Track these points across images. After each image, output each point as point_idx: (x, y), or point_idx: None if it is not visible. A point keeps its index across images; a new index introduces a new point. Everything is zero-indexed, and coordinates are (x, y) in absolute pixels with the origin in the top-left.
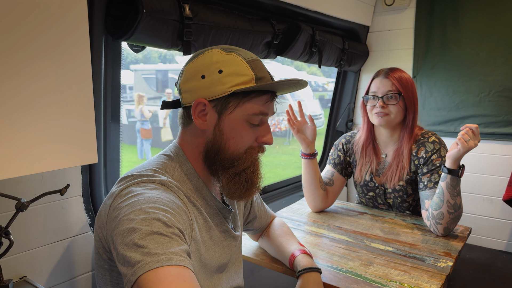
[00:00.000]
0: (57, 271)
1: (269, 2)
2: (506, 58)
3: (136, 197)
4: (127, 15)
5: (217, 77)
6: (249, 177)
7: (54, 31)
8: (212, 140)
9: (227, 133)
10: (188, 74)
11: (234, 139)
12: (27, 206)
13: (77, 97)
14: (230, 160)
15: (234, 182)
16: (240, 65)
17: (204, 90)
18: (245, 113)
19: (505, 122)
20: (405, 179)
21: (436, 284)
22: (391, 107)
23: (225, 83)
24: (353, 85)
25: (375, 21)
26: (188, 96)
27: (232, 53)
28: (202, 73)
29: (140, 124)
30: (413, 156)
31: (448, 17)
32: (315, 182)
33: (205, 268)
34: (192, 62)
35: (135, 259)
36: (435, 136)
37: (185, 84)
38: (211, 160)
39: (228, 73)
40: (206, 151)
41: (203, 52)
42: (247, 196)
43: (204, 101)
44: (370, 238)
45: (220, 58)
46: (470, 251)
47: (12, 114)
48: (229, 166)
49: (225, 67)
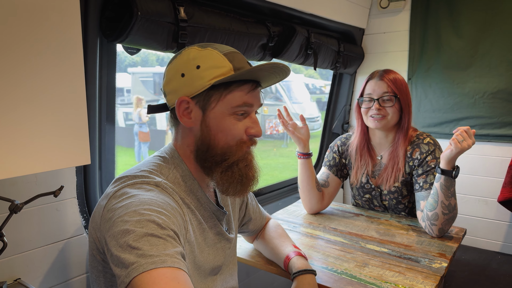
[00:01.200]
0: (51, 273)
1: (265, 4)
2: (500, 60)
3: (130, 199)
4: (122, 18)
5: (195, 73)
6: (243, 172)
7: (46, 32)
8: (200, 137)
9: (214, 128)
10: (169, 75)
11: (222, 133)
12: (21, 208)
13: (70, 98)
14: (221, 154)
15: (227, 177)
16: (216, 58)
17: (185, 88)
18: (228, 106)
19: (499, 123)
20: (400, 180)
21: (430, 285)
22: (387, 109)
23: (203, 78)
24: (348, 87)
25: (370, 24)
26: (172, 97)
27: (208, 48)
28: (182, 72)
29: (138, 127)
30: (408, 158)
31: (442, 20)
32: (311, 183)
33: (199, 270)
34: (171, 63)
35: (129, 260)
36: (430, 137)
37: (168, 86)
38: (202, 158)
39: (206, 67)
40: (196, 149)
41: (180, 52)
42: (242, 192)
43: (186, 98)
44: (366, 240)
45: (197, 54)
46: (465, 252)
47: (3, 115)
48: (221, 161)
49: (202, 62)
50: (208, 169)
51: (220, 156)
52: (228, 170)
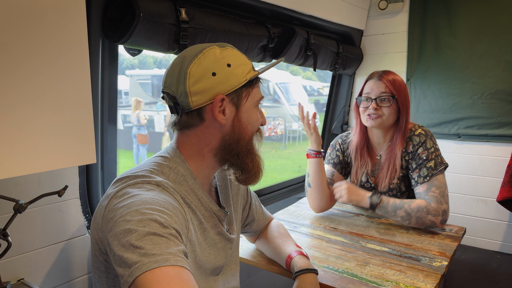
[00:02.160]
0: (54, 274)
1: (265, 6)
2: (498, 60)
3: (132, 198)
4: (123, 19)
5: (228, 70)
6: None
7: (52, 33)
8: (230, 133)
9: (245, 121)
10: (196, 75)
11: (250, 125)
12: (25, 207)
13: (76, 97)
14: (248, 144)
15: (256, 162)
16: (240, 56)
17: (220, 86)
18: (253, 100)
19: (498, 123)
20: (398, 176)
21: (431, 283)
22: (384, 109)
23: (237, 74)
24: (347, 89)
25: (369, 25)
26: (201, 97)
27: (227, 47)
28: (212, 71)
29: (136, 129)
30: (404, 152)
31: (441, 21)
32: (325, 181)
33: (201, 269)
34: (195, 64)
35: (132, 260)
36: (421, 128)
37: (195, 86)
38: (228, 152)
39: (236, 65)
40: (223, 145)
41: (201, 52)
42: (260, 177)
43: (223, 96)
44: (366, 239)
45: (223, 54)
46: (465, 252)
47: (9, 114)
48: (249, 150)
49: (231, 61)
50: (234, 159)
51: (248, 145)
52: (255, 157)
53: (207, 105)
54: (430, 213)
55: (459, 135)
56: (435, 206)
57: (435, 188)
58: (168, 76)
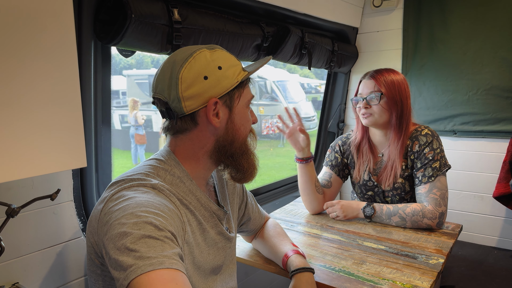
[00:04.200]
0: (49, 277)
1: (259, 5)
2: (493, 56)
3: (127, 201)
4: (116, 20)
5: (219, 73)
6: (255, 156)
7: (39, 35)
8: (224, 135)
9: (238, 123)
10: (188, 80)
11: (243, 126)
12: (18, 212)
13: (65, 100)
14: (241, 145)
15: (251, 161)
16: (229, 57)
17: (213, 89)
18: (245, 100)
19: (493, 119)
20: (404, 176)
21: (428, 280)
22: (374, 107)
23: (229, 77)
24: (343, 87)
25: (363, 23)
26: (194, 101)
27: (215, 48)
28: (204, 75)
29: (134, 129)
30: (409, 152)
31: (435, 18)
32: (310, 187)
33: (199, 270)
34: (186, 68)
35: (127, 263)
36: (428, 129)
37: (188, 91)
38: (222, 154)
39: (226, 67)
40: (218, 147)
41: (191, 56)
42: (255, 175)
43: (216, 99)
44: (363, 237)
45: (213, 56)
46: (462, 248)
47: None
48: (243, 151)
49: (221, 63)
50: (229, 161)
51: (242, 146)
52: (250, 156)
53: (200, 109)
54: (426, 216)
55: (455, 132)
56: (432, 208)
57: (436, 190)
58: (159, 81)
